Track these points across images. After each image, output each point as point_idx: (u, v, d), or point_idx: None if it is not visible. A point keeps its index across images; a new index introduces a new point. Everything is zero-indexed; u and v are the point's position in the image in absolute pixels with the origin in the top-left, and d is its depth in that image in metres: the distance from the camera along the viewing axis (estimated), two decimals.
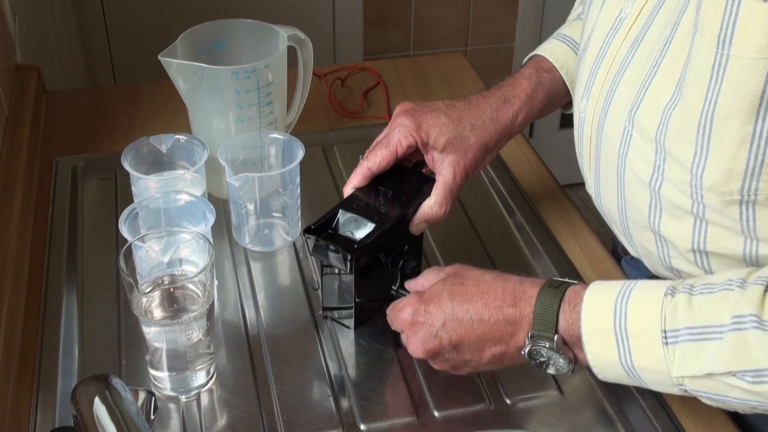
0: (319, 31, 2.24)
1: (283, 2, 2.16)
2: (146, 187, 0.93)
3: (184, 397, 0.81)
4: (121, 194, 1.08)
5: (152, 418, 0.67)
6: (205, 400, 0.81)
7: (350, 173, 0.88)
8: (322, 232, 0.83)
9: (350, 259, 0.81)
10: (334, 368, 0.85)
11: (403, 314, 0.78)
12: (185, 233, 0.82)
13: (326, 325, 0.90)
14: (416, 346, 0.77)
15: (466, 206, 1.07)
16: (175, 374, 0.80)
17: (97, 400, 0.60)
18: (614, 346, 0.69)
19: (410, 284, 0.84)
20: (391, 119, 0.89)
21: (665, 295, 0.68)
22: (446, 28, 2.39)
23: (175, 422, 0.79)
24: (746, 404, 0.66)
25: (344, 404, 0.81)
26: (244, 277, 0.96)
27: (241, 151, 0.98)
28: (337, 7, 2.25)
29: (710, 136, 0.66)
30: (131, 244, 0.78)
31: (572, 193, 1.23)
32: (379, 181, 0.88)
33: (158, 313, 0.80)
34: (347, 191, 0.87)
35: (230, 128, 1.00)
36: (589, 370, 0.73)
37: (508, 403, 0.81)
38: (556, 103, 0.97)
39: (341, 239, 0.83)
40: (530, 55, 0.99)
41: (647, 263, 0.85)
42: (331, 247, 0.82)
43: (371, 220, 0.83)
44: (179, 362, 0.79)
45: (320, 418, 0.79)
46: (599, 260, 0.99)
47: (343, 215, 0.84)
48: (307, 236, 0.83)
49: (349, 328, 0.89)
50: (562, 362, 0.73)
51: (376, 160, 0.86)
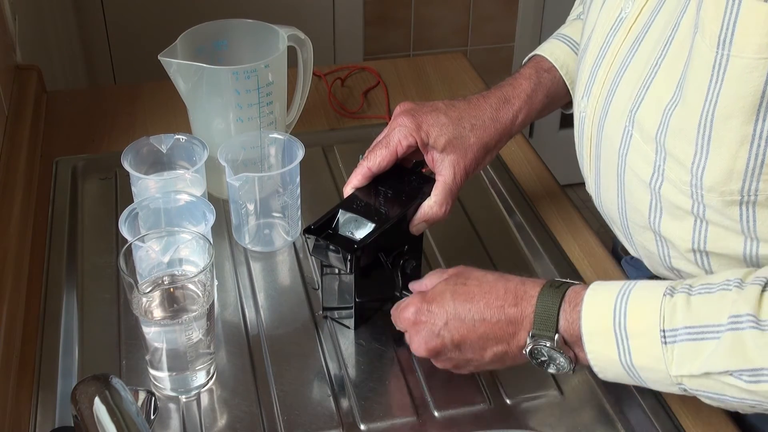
0: (319, 31, 2.24)
1: (283, 2, 2.16)
2: (146, 187, 0.93)
3: (184, 397, 0.81)
4: (121, 194, 1.08)
5: (152, 418, 0.67)
6: (205, 400, 0.81)
7: (350, 173, 0.88)
8: (322, 232, 0.83)
9: (350, 259, 0.81)
10: (334, 368, 0.85)
11: (406, 313, 0.79)
12: (185, 233, 0.83)
13: (326, 325, 0.90)
14: (419, 344, 0.78)
15: (466, 206, 1.07)
16: (175, 374, 0.80)
17: (97, 400, 0.60)
18: (614, 345, 0.69)
19: (414, 285, 0.84)
20: (391, 119, 0.89)
21: (664, 295, 0.68)
22: (446, 28, 2.38)
23: (175, 422, 0.79)
24: (744, 403, 0.66)
25: (344, 404, 0.81)
26: (244, 277, 0.96)
27: (241, 151, 0.98)
28: (337, 7, 2.25)
29: (710, 136, 0.66)
30: (131, 244, 0.78)
31: (572, 193, 1.23)
32: (379, 181, 0.88)
33: (158, 313, 0.80)
34: (347, 191, 0.87)
35: (230, 128, 1.00)
36: (589, 369, 0.73)
37: (508, 403, 0.81)
38: (556, 103, 0.97)
39: (341, 239, 0.83)
40: (530, 55, 0.99)
41: (647, 263, 0.85)
42: (331, 247, 0.82)
43: (371, 220, 0.83)
44: (179, 362, 0.79)
45: (320, 418, 0.79)
46: (599, 260, 0.99)
47: (343, 215, 0.84)
48: (307, 236, 0.83)
49: (349, 328, 0.89)
50: (562, 361, 0.73)
51: (376, 160, 0.86)
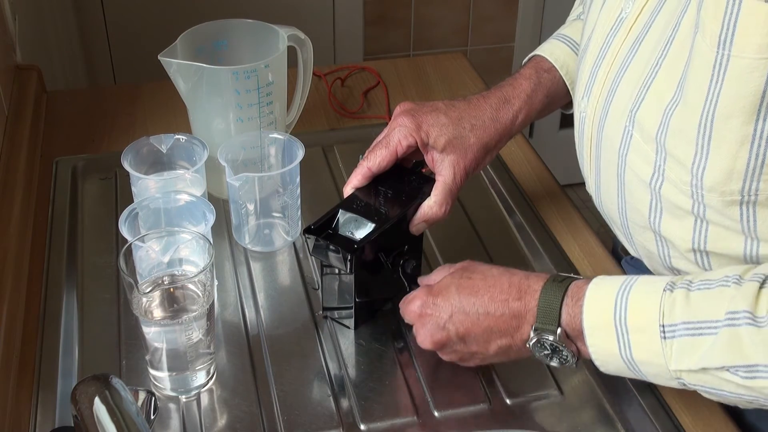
0: (319, 31, 2.24)
1: (283, 2, 2.16)
2: (146, 187, 0.93)
3: (184, 397, 0.81)
4: (121, 194, 1.08)
5: (152, 418, 0.67)
6: (205, 400, 0.81)
7: (350, 173, 0.88)
8: (322, 232, 0.83)
9: (350, 259, 0.81)
10: (334, 368, 0.85)
11: (412, 306, 0.80)
12: (185, 233, 0.82)
13: (326, 325, 0.90)
14: (424, 337, 0.79)
15: (466, 206, 1.07)
16: (175, 374, 0.80)
17: (97, 400, 0.60)
18: (615, 339, 0.70)
19: (421, 279, 0.85)
20: (391, 119, 0.89)
21: (664, 290, 0.69)
22: (446, 28, 2.38)
23: (175, 422, 0.79)
24: (741, 398, 0.67)
25: (344, 404, 0.81)
26: (244, 277, 0.96)
27: (241, 151, 0.98)
28: (337, 7, 2.25)
29: (711, 136, 0.66)
30: (131, 244, 0.78)
31: (572, 193, 1.23)
32: (379, 181, 0.88)
33: (158, 313, 0.80)
34: (347, 191, 0.87)
35: (230, 128, 1.00)
36: (591, 363, 0.73)
37: (508, 403, 0.81)
38: (556, 103, 0.97)
39: (341, 239, 0.83)
40: (530, 55, 0.99)
41: (647, 263, 0.85)
42: (331, 247, 0.82)
43: (371, 220, 0.83)
44: (179, 362, 0.79)
45: (320, 418, 0.79)
46: (599, 260, 0.99)
47: (343, 215, 0.84)
48: (307, 236, 0.83)
49: (349, 328, 0.89)
50: (565, 355, 0.74)
51: (376, 160, 0.87)
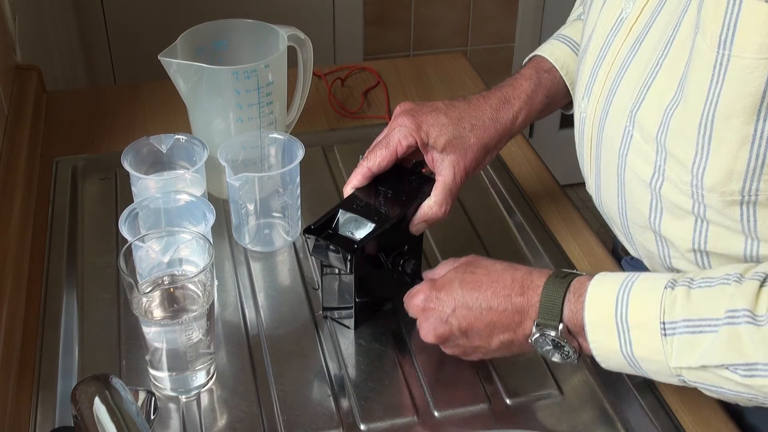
0: (319, 31, 2.24)
1: (283, 2, 2.16)
2: (146, 187, 0.93)
3: (184, 397, 0.81)
4: (121, 194, 1.08)
5: (152, 418, 0.67)
6: (205, 400, 0.81)
7: (350, 173, 0.88)
8: (322, 232, 0.83)
9: (350, 259, 0.81)
10: (334, 368, 0.85)
11: (415, 300, 0.81)
12: (185, 233, 0.82)
13: (326, 325, 0.90)
14: (427, 331, 0.80)
15: (466, 206, 1.07)
16: (175, 374, 0.80)
17: (97, 400, 0.60)
18: (615, 336, 0.70)
19: (426, 273, 0.85)
20: (391, 119, 0.89)
21: (665, 287, 0.69)
22: (446, 28, 2.38)
23: (175, 422, 0.79)
24: (740, 396, 0.67)
25: (344, 404, 0.81)
26: (244, 277, 0.96)
27: (241, 151, 0.98)
28: (337, 7, 2.25)
29: (711, 136, 0.66)
30: (131, 244, 0.78)
31: (572, 193, 1.23)
32: (379, 181, 0.88)
33: (158, 313, 0.80)
34: (347, 191, 0.87)
35: (230, 128, 1.00)
36: (592, 359, 0.74)
37: (508, 403, 0.81)
38: (556, 103, 0.97)
39: (341, 239, 0.83)
40: (530, 55, 0.99)
41: (647, 263, 0.85)
42: (331, 247, 0.82)
43: (371, 220, 0.83)
44: (179, 362, 0.79)
45: (320, 418, 0.79)
46: (599, 260, 0.99)
47: (343, 215, 0.84)
48: (307, 236, 0.83)
49: (349, 328, 0.89)
50: (567, 350, 0.74)
51: (376, 160, 0.87)
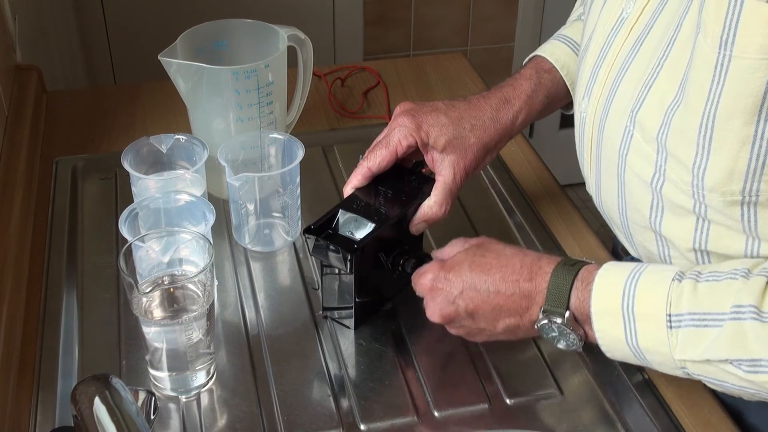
0: (319, 31, 2.24)
1: (283, 2, 2.16)
2: (146, 187, 0.93)
3: (184, 397, 0.81)
4: (121, 194, 1.08)
5: (152, 418, 0.67)
6: (205, 400, 0.81)
7: (350, 173, 0.88)
8: (322, 232, 0.83)
9: (350, 259, 0.81)
10: (334, 368, 0.85)
11: (423, 279, 0.81)
12: (185, 233, 0.82)
13: (326, 325, 0.90)
14: (433, 311, 0.80)
15: (466, 206, 1.07)
16: (175, 374, 0.80)
17: (97, 400, 0.60)
18: (621, 326, 0.71)
19: (435, 252, 0.85)
20: (391, 119, 0.89)
21: (673, 279, 0.69)
22: (446, 28, 2.38)
23: (175, 422, 0.79)
24: (744, 391, 0.68)
25: (344, 404, 0.81)
26: (244, 277, 0.96)
27: (241, 151, 0.98)
28: (337, 7, 2.24)
29: (712, 136, 0.66)
30: (131, 244, 0.78)
31: (572, 193, 1.23)
32: (379, 181, 0.88)
33: (158, 313, 0.80)
34: (347, 191, 0.87)
35: (230, 128, 1.00)
36: (597, 347, 0.74)
37: (508, 403, 0.81)
38: (556, 103, 0.97)
39: (341, 239, 0.83)
40: (531, 55, 0.99)
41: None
42: (331, 247, 0.82)
43: (371, 220, 0.83)
44: (179, 362, 0.79)
45: (320, 418, 0.79)
46: (599, 260, 0.98)
47: (343, 215, 0.84)
48: (307, 236, 0.83)
49: (349, 328, 0.89)
50: (572, 338, 0.74)
51: (376, 160, 0.87)
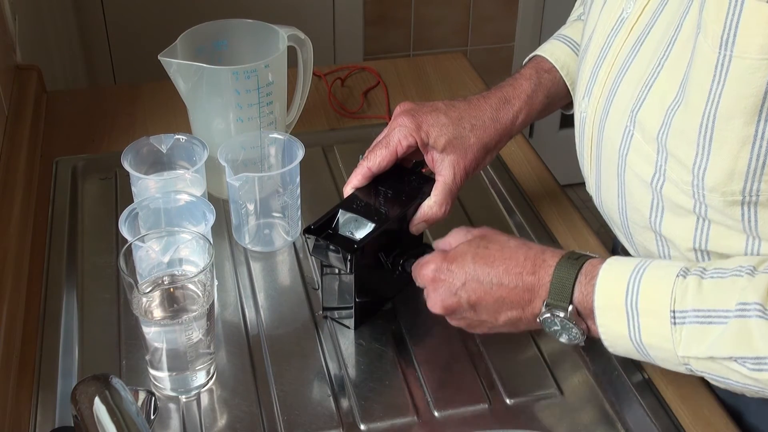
0: (319, 31, 2.23)
1: (283, 2, 2.16)
2: (146, 187, 0.93)
3: (184, 397, 0.81)
4: (121, 194, 1.08)
5: (152, 418, 0.67)
6: (205, 400, 0.81)
7: (350, 173, 0.88)
8: (322, 232, 0.83)
9: (350, 259, 0.81)
10: (334, 368, 0.85)
11: (425, 270, 0.80)
12: (185, 233, 0.82)
13: (326, 325, 0.90)
14: (435, 302, 0.80)
15: (466, 206, 1.07)
16: (175, 374, 0.80)
17: (97, 400, 0.60)
18: (624, 321, 0.70)
19: (437, 242, 0.85)
20: (391, 119, 0.89)
21: (677, 276, 0.69)
22: (446, 28, 2.38)
23: (175, 422, 0.79)
24: (747, 388, 0.68)
25: (344, 404, 0.81)
26: (244, 277, 0.96)
27: (241, 151, 0.98)
28: (337, 7, 2.24)
29: (712, 137, 0.66)
30: (131, 244, 0.78)
31: (572, 193, 1.23)
32: (379, 181, 0.88)
33: (158, 313, 0.80)
34: (347, 191, 0.87)
35: (230, 128, 1.00)
36: (600, 342, 0.74)
37: (508, 403, 0.81)
38: (556, 103, 0.97)
39: (341, 239, 0.83)
40: (530, 55, 0.99)
41: None
42: (331, 247, 0.82)
43: (371, 220, 0.83)
44: (179, 362, 0.79)
45: (320, 418, 0.79)
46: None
47: (343, 215, 0.84)
48: (307, 236, 0.83)
49: (349, 328, 0.89)
50: (575, 332, 0.74)
51: (376, 160, 0.87)
